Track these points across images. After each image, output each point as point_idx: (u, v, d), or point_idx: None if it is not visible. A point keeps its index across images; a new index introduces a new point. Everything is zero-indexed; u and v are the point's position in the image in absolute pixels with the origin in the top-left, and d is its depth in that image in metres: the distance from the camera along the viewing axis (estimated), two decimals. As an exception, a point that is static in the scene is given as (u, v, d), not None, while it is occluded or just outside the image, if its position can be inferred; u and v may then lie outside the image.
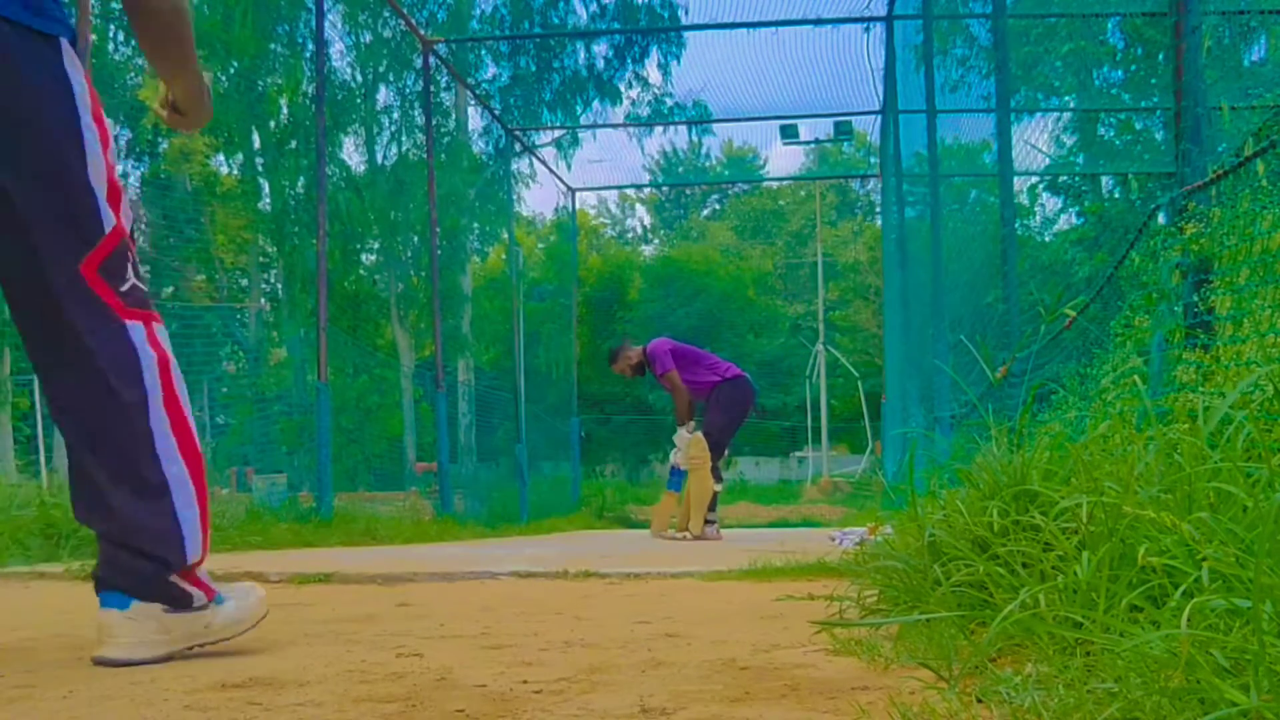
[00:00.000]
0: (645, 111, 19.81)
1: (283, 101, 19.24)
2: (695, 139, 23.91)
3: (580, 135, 18.64)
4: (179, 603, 1.77)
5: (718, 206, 48.35)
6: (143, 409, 1.72)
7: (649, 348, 7.32)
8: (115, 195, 1.72)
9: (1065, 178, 15.96)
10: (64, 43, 1.67)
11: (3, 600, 3.03)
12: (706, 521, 6.99)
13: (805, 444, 32.58)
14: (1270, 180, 2.46)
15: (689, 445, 7.01)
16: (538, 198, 74.84)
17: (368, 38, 19.17)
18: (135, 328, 1.73)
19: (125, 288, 1.72)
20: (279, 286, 23.93)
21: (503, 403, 15.54)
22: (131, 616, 1.73)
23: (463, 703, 1.38)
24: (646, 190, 44.83)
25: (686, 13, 13.78)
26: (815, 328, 32.90)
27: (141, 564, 1.73)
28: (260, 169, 20.08)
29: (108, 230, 1.70)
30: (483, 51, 18.66)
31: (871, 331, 31.79)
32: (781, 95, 12.66)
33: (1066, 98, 13.57)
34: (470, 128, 19.88)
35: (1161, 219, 2.87)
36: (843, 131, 16.27)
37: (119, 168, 1.75)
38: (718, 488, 7.19)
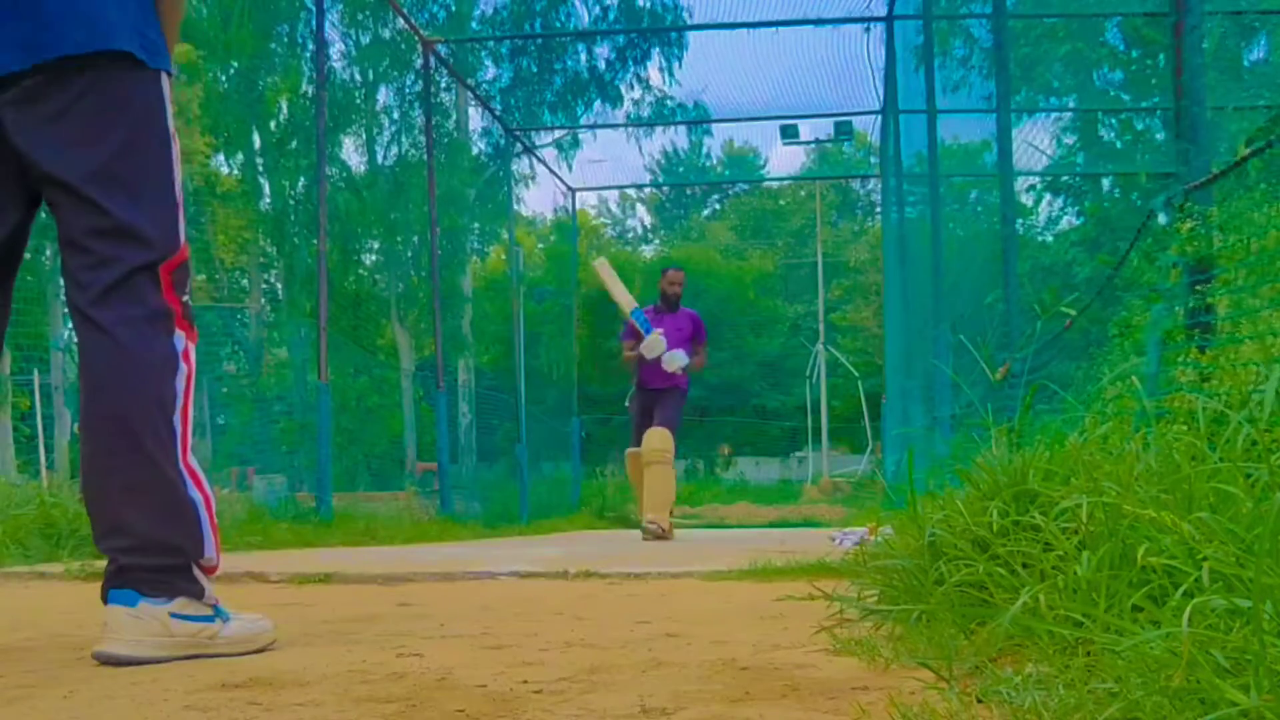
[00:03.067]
0: (646, 112, 19.81)
1: (283, 102, 19.22)
2: (696, 139, 23.89)
3: (580, 136, 18.64)
4: (192, 592, 1.79)
5: (718, 206, 48.32)
6: (172, 408, 1.82)
7: (697, 313, 7.51)
8: (183, 217, 1.88)
9: (1066, 178, 15.96)
10: (164, 76, 1.85)
11: (3, 600, 3.03)
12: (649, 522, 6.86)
13: (805, 444, 32.57)
14: (1262, 179, 2.46)
15: (658, 438, 7.01)
16: (538, 198, 74.81)
17: (367, 38, 19.16)
18: (180, 338, 1.85)
19: (184, 299, 1.86)
20: (279, 286, 23.93)
21: (503, 403, 15.53)
22: (137, 615, 1.73)
23: (463, 703, 1.38)
24: (647, 190, 44.83)
25: (690, 14, 13.78)
26: (815, 328, 32.89)
27: (159, 560, 1.76)
28: (260, 169, 20.07)
29: (180, 245, 1.85)
30: (482, 53, 18.66)
31: (872, 331, 31.78)
32: (781, 95, 12.66)
33: (1066, 98, 13.58)
34: (470, 128, 19.88)
35: (1162, 219, 2.87)
36: (843, 131, 16.28)
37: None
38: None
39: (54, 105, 1.75)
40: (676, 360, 7.13)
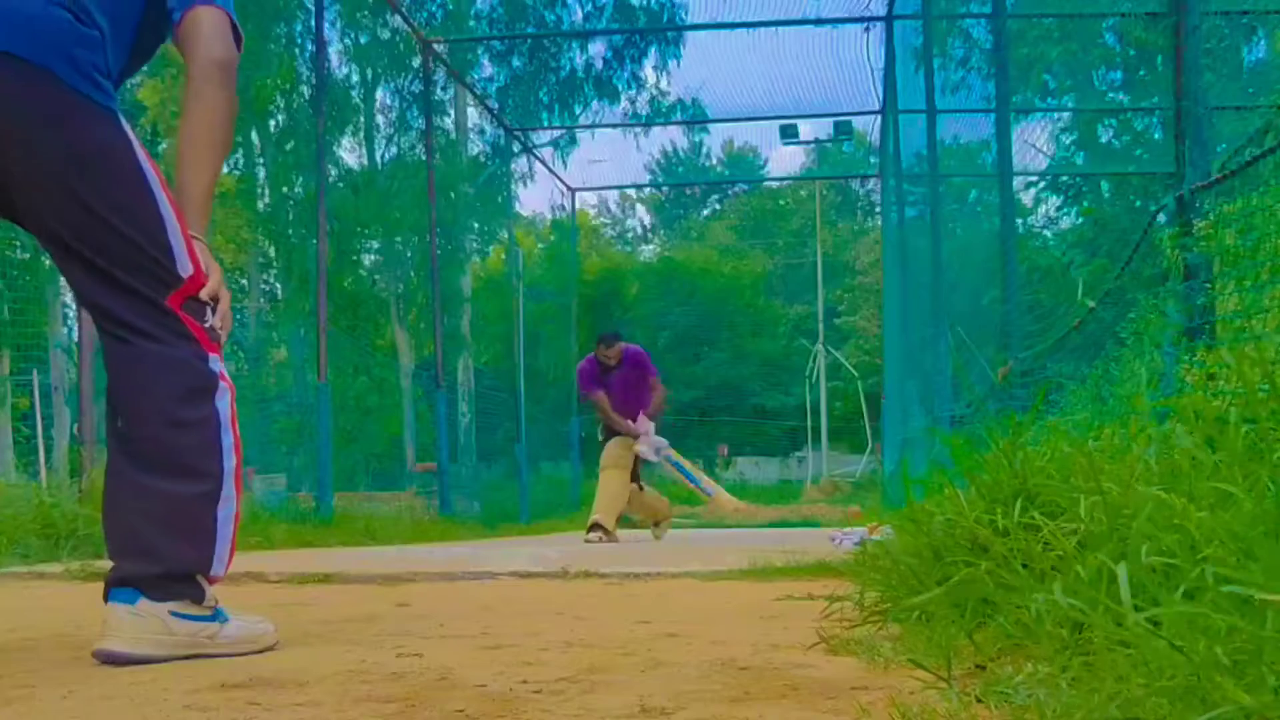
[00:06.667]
0: (645, 111, 19.81)
1: (281, 101, 19.21)
2: (695, 139, 23.90)
3: (579, 135, 18.64)
4: (193, 595, 1.79)
5: (718, 206, 48.32)
6: (215, 425, 1.83)
7: (634, 350, 7.45)
8: (190, 245, 1.85)
9: (1065, 178, 15.96)
10: (119, 113, 1.79)
11: (3, 600, 3.03)
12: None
13: (805, 444, 32.56)
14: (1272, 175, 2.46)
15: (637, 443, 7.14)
16: (537, 198, 74.77)
17: (365, 38, 19.15)
18: (215, 360, 1.86)
19: (206, 325, 1.86)
20: (278, 286, 23.93)
21: (503, 403, 15.52)
22: (137, 613, 1.73)
23: (463, 703, 1.38)
24: (647, 190, 44.81)
25: (686, 12, 13.77)
26: (815, 329, 32.88)
27: (163, 569, 1.76)
28: (259, 169, 20.06)
29: (185, 275, 1.83)
30: (480, 51, 18.64)
31: (872, 332, 31.78)
32: (781, 95, 12.67)
33: (1065, 98, 13.58)
34: (469, 127, 19.86)
35: (1163, 219, 2.87)
36: (843, 131, 16.29)
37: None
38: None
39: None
40: (647, 447, 7.22)
